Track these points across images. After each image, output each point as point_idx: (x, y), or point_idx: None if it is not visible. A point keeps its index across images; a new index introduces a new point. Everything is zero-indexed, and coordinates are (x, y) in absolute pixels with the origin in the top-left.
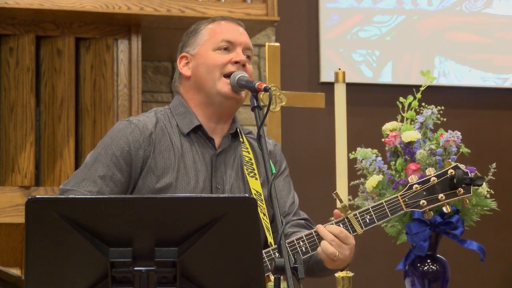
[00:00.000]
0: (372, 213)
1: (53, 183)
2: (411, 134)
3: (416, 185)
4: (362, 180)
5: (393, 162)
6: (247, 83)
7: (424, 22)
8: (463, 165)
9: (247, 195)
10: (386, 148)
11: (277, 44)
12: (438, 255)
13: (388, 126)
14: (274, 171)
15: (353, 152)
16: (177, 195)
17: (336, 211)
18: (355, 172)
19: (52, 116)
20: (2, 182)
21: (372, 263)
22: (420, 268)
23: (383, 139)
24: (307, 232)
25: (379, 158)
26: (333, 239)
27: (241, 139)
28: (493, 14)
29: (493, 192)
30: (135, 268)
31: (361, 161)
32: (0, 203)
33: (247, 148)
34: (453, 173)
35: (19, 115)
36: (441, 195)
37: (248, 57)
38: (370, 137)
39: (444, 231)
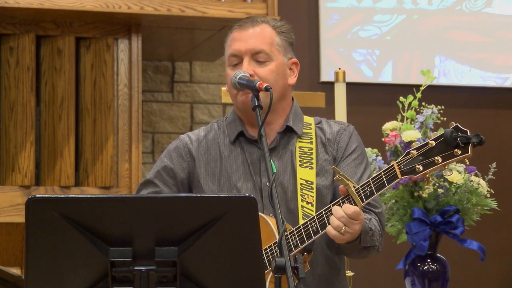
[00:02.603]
0: (372, 184)
1: (53, 183)
2: (411, 134)
3: (413, 151)
4: None
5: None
6: (248, 82)
7: (424, 22)
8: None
9: (247, 194)
10: (386, 147)
11: None
12: (438, 255)
13: (388, 126)
14: (275, 170)
15: None
16: (177, 195)
17: (341, 187)
18: None
19: (52, 115)
20: (2, 181)
21: (372, 263)
22: (420, 268)
23: (383, 139)
24: (318, 212)
25: (379, 158)
26: (342, 216)
27: (307, 131)
28: (493, 13)
29: (493, 192)
30: (135, 268)
31: None
32: (0, 203)
33: (311, 139)
34: None
35: (19, 115)
36: (437, 158)
37: (262, 61)
38: (370, 136)
39: (444, 230)
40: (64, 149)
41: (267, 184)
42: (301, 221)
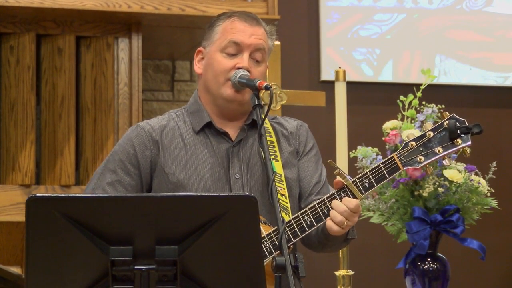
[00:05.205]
0: (370, 176)
1: (54, 182)
2: (412, 133)
3: (412, 142)
4: None
5: None
6: (248, 81)
7: (425, 21)
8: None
9: (247, 193)
10: (387, 146)
11: (278, 42)
12: (438, 254)
13: (388, 125)
14: (275, 169)
15: (353, 151)
16: (177, 194)
17: (336, 180)
18: (355, 171)
19: (53, 114)
20: (3, 180)
21: (373, 262)
22: (421, 267)
23: (383, 138)
24: (310, 205)
25: (380, 157)
26: (345, 210)
27: (264, 125)
28: (494, 12)
29: (493, 191)
30: (136, 267)
31: (362, 160)
32: (1, 202)
33: (269, 132)
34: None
35: (20, 114)
36: (438, 148)
37: (258, 61)
38: (370, 135)
39: (445, 229)
40: (65, 148)
41: (236, 176)
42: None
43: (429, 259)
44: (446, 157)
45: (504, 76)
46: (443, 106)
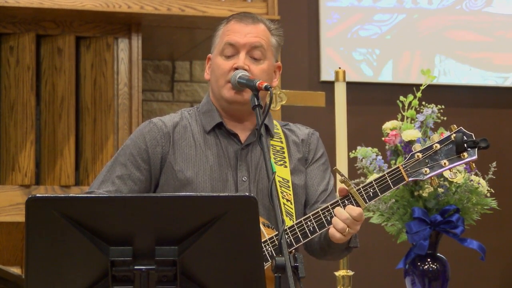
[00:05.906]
0: (375, 185)
1: (54, 182)
2: (412, 133)
3: (418, 154)
4: (362, 179)
5: (394, 161)
6: (248, 81)
7: (425, 21)
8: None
9: (247, 194)
10: (387, 147)
11: None
12: (438, 254)
13: (388, 125)
14: (274, 169)
15: (353, 151)
16: (177, 194)
17: (340, 187)
18: (355, 171)
19: (53, 114)
20: (3, 180)
21: (373, 262)
22: (421, 267)
23: (383, 138)
24: (314, 211)
25: (380, 157)
26: (347, 218)
27: (275, 131)
28: (494, 12)
29: (493, 191)
30: (135, 267)
31: (361, 160)
32: (1, 202)
33: (280, 138)
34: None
35: (20, 114)
36: (444, 161)
37: (257, 59)
38: (370, 136)
39: (445, 230)
40: (64, 148)
41: (243, 179)
42: (285, 218)
43: (429, 260)
44: (451, 170)
45: (504, 76)
46: (443, 106)
